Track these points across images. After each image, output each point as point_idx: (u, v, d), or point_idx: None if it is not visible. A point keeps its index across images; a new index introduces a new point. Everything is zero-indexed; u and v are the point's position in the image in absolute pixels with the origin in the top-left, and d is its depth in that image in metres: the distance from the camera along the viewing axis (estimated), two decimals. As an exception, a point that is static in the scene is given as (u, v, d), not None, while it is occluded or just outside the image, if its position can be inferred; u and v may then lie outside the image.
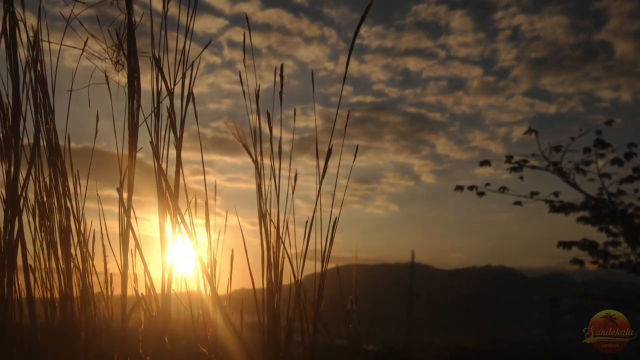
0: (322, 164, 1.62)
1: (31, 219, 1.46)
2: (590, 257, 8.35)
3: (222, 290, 1.71)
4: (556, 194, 8.58)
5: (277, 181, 1.61)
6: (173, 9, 1.53)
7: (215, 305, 1.55)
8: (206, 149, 1.64)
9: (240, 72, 1.58)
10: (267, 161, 1.65)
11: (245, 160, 1.59)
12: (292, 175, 1.64)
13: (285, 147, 1.65)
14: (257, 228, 1.63)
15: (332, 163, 1.67)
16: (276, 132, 1.63)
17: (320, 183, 1.57)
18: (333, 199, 1.59)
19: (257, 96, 1.62)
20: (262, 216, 1.61)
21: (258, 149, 1.63)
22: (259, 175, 1.62)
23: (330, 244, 1.59)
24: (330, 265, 1.66)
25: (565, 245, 8.43)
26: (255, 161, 1.61)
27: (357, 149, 1.71)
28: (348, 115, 1.63)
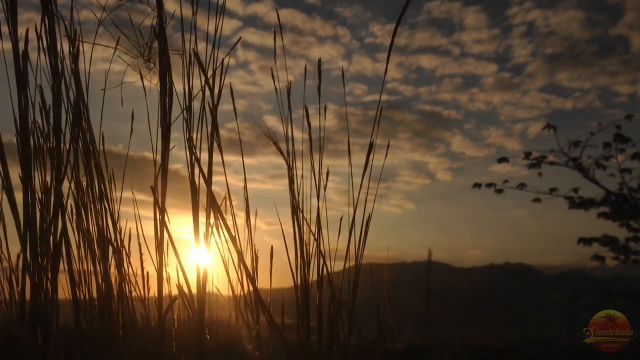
0: (353, 161, 1.63)
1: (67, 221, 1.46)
2: (611, 253, 8.29)
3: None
4: (576, 190, 8.53)
5: (317, 179, 1.61)
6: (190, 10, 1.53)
7: (258, 304, 1.55)
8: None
9: (272, 69, 1.58)
10: (280, 160, 1.64)
11: (260, 160, 1.58)
12: (319, 172, 1.64)
13: (300, 146, 1.65)
14: (275, 228, 1.63)
15: (345, 162, 1.66)
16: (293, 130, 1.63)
17: (362, 178, 1.57)
18: (367, 197, 1.59)
19: (288, 93, 1.61)
20: (295, 212, 1.61)
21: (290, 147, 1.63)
22: (290, 171, 1.61)
23: (364, 241, 1.58)
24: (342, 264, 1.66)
25: (586, 241, 8.36)
26: (286, 160, 1.61)
27: (387, 145, 1.70)
28: (380, 110, 1.62)
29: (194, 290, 1.50)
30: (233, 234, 1.49)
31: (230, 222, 1.57)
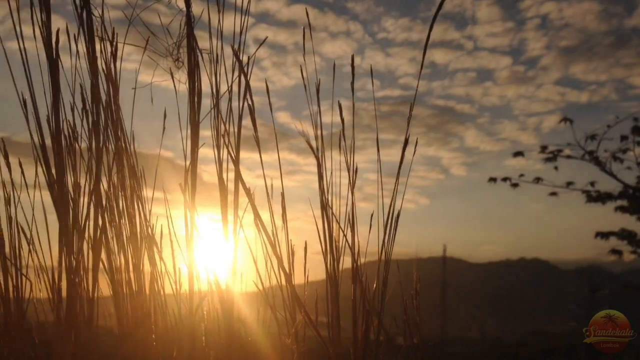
0: (366, 157, 1.63)
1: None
2: (629, 247, 8.23)
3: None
4: (592, 184, 8.48)
5: (353, 176, 1.61)
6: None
7: (295, 301, 1.56)
8: (224, 147, 1.60)
9: (301, 66, 1.58)
10: (292, 157, 1.64)
11: (273, 157, 1.58)
12: (352, 168, 1.64)
13: (313, 143, 1.65)
14: (292, 224, 1.63)
15: (361, 157, 1.66)
16: (303, 127, 1.63)
17: (398, 174, 1.57)
18: (396, 193, 1.59)
19: (317, 90, 1.62)
20: (324, 207, 1.61)
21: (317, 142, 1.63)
22: (319, 168, 1.61)
23: (393, 237, 1.58)
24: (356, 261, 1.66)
25: (603, 235, 8.31)
26: (316, 155, 1.61)
27: (408, 141, 1.69)
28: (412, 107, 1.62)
29: (224, 287, 1.51)
30: (267, 230, 1.50)
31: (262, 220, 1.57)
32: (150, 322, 1.46)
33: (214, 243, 1.54)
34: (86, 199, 1.44)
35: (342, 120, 1.60)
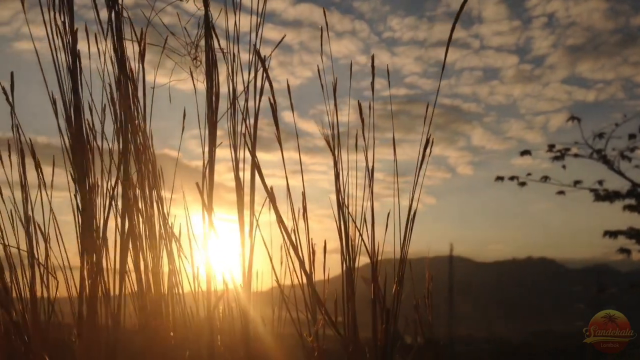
0: (395, 157, 1.63)
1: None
2: (637, 246, 8.20)
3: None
4: (600, 182, 8.44)
5: (371, 174, 1.61)
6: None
7: (316, 302, 1.56)
8: (241, 146, 1.61)
9: (318, 66, 1.59)
10: (298, 156, 1.63)
11: (279, 156, 1.57)
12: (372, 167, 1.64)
13: (319, 143, 1.65)
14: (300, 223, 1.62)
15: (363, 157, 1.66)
16: (309, 126, 1.63)
17: (417, 174, 1.57)
18: (414, 192, 1.59)
19: (334, 89, 1.62)
20: (341, 208, 1.61)
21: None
22: (336, 167, 1.62)
23: (409, 237, 1.58)
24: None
25: (612, 234, 8.27)
26: (333, 154, 1.62)
27: (429, 140, 1.69)
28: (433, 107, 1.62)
29: (240, 287, 1.52)
30: (288, 231, 1.50)
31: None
32: (169, 320, 1.47)
33: (229, 243, 1.55)
34: (106, 200, 1.45)
35: (362, 120, 1.61)
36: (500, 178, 9.01)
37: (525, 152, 9.03)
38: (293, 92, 1.63)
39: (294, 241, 1.54)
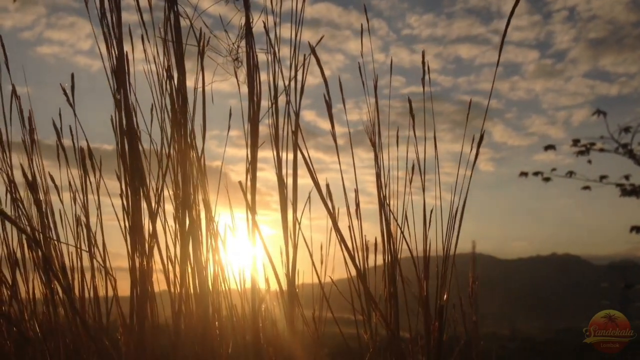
0: (393, 154, 1.63)
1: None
2: (666, 240, 8.09)
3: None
4: (627, 177, 8.34)
5: (422, 172, 1.61)
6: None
7: (368, 299, 1.57)
8: (261, 146, 1.61)
9: (359, 66, 1.59)
10: (319, 155, 1.63)
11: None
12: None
13: (339, 141, 1.65)
14: (316, 222, 1.63)
15: (388, 155, 1.66)
16: (327, 125, 1.63)
17: (472, 170, 1.57)
18: (462, 188, 1.59)
19: (375, 88, 1.62)
20: (382, 207, 1.61)
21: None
22: (377, 166, 1.62)
23: (458, 232, 1.58)
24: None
25: (638, 230, 8.16)
26: (375, 153, 1.62)
27: (483, 137, 1.69)
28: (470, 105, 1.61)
29: (284, 285, 1.52)
30: (339, 228, 1.51)
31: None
32: (215, 319, 1.48)
33: (271, 242, 1.56)
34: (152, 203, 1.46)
35: (412, 115, 1.60)
36: (524, 174, 8.97)
37: (549, 147, 8.97)
38: (312, 91, 1.63)
39: (348, 238, 1.54)
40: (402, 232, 1.62)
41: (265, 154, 1.57)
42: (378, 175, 1.60)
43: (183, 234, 1.42)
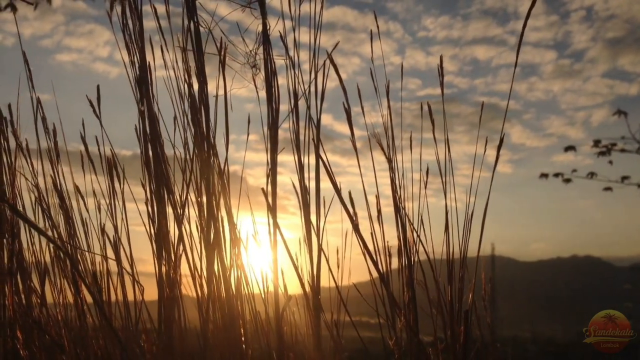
0: (450, 157, 1.64)
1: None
2: (689, 243, 8.00)
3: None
4: (650, 178, 8.25)
5: (443, 175, 1.62)
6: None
7: (392, 304, 1.58)
8: (305, 150, 1.62)
9: (371, 68, 1.61)
10: (336, 158, 1.64)
11: (309, 159, 1.58)
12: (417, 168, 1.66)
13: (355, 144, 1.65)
14: (332, 226, 1.64)
15: (404, 157, 1.66)
16: (345, 128, 1.64)
17: (493, 173, 1.58)
18: (470, 190, 1.59)
19: (387, 91, 1.64)
20: (398, 211, 1.62)
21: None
22: (391, 170, 1.63)
23: (481, 235, 1.59)
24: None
25: (662, 230, 8.08)
26: (388, 158, 1.63)
27: (503, 140, 1.69)
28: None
29: (308, 290, 1.54)
30: (361, 234, 1.53)
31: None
32: (239, 323, 1.50)
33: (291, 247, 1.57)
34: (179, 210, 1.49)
35: (432, 120, 1.62)
36: (544, 175, 8.91)
37: (569, 148, 8.90)
38: (328, 95, 1.64)
39: (370, 243, 1.56)
40: (418, 236, 1.62)
41: (283, 158, 1.59)
42: (392, 181, 1.61)
43: (208, 244, 1.44)
